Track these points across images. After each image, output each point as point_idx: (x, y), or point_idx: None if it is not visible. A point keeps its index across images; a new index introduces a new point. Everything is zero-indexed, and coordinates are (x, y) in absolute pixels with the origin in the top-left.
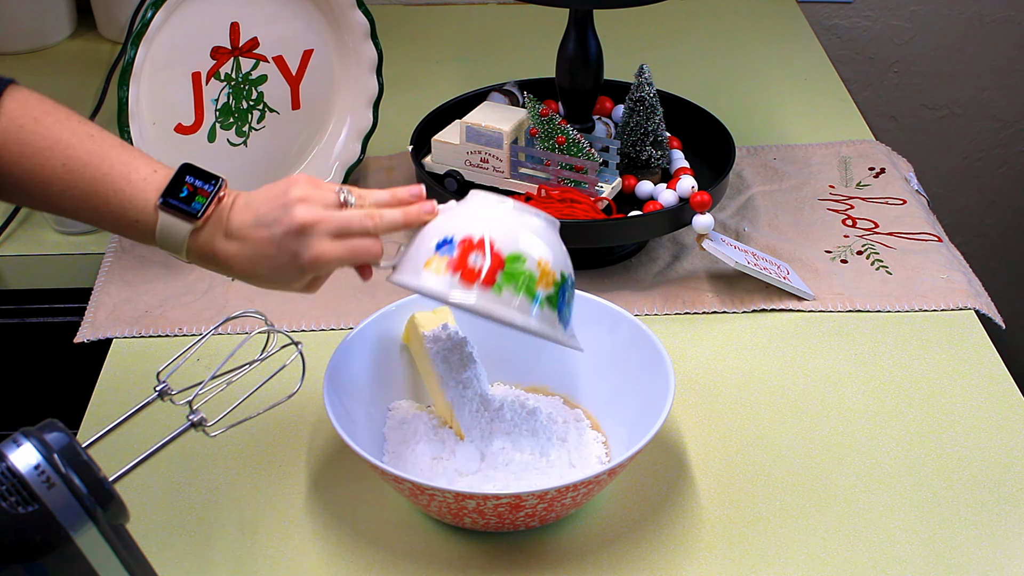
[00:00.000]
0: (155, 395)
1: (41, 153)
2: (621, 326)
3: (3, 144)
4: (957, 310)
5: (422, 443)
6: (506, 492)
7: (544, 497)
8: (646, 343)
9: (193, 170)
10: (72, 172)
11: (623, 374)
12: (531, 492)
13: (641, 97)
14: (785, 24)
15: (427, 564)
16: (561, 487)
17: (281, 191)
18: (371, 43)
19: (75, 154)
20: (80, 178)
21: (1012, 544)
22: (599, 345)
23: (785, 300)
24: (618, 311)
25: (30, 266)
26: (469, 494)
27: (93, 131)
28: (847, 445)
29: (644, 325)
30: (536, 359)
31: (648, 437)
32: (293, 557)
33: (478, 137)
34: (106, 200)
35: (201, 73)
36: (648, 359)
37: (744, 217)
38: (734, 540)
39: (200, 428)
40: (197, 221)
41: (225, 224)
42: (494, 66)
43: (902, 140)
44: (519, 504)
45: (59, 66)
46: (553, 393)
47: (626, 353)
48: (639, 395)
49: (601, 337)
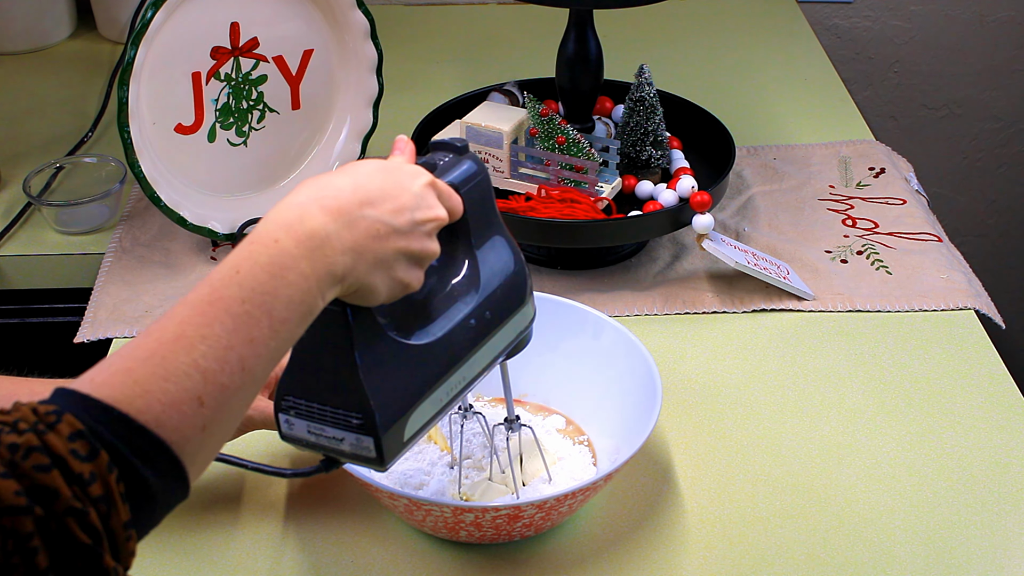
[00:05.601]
0: None
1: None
2: (604, 331)
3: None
4: (957, 310)
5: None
6: (505, 503)
7: (543, 507)
8: (630, 347)
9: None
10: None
11: (608, 379)
12: (530, 502)
13: (641, 97)
14: (785, 24)
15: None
16: (560, 495)
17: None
18: (371, 43)
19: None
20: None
21: (1012, 544)
22: (583, 351)
23: (785, 300)
24: (601, 317)
25: (30, 266)
26: (468, 507)
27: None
28: (847, 445)
29: (624, 327)
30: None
31: (644, 439)
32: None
33: (478, 137)
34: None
35: (201, 73)
36: (634, 362)
37: (744, 217)
38: (734, 540)
39: None
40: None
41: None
42: (494, 66)
43: (902, 140)
44: (517, 515)
45: (59, 66)
46: (527, 403)
47: (611, 358)
48: (628, 399)
49: (585, 343)
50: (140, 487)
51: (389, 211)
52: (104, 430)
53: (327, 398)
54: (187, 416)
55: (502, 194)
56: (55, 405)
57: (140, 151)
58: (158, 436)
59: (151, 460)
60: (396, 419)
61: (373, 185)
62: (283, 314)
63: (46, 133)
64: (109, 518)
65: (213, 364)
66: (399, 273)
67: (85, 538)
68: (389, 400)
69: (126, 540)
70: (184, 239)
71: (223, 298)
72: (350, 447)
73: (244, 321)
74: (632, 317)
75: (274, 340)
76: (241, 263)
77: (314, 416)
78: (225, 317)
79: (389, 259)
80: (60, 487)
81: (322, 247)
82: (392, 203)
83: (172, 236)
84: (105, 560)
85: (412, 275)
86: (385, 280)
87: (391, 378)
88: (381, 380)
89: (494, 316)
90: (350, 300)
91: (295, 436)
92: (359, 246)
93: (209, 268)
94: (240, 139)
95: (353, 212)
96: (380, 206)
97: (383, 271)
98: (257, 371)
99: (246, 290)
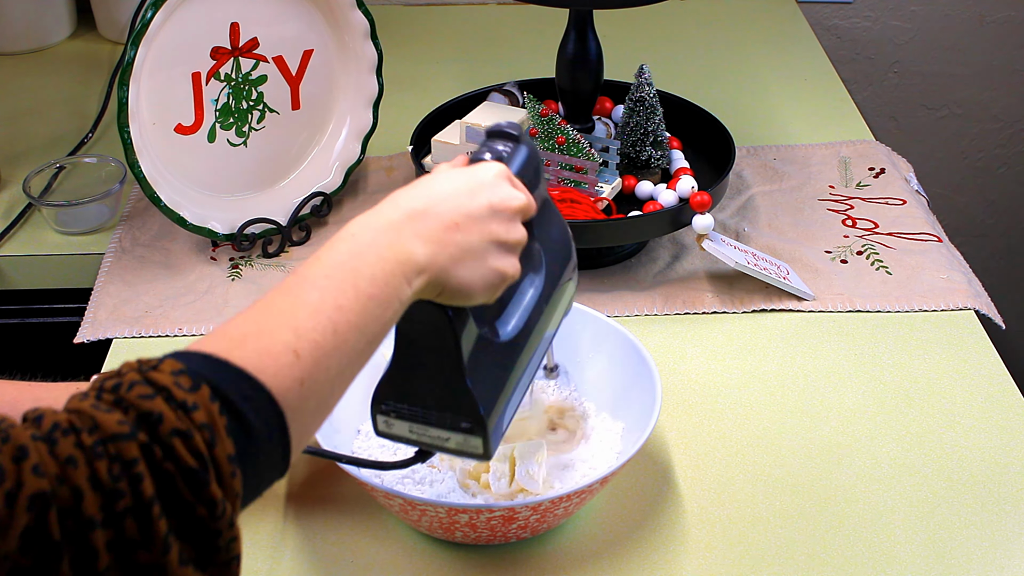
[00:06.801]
0: None
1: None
2: (604, 331)
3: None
4: (957, 310)
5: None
6: (499, 504)
7: (537, 508)
8: (630, 347)
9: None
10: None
11: (608, 380)
12: (524, 504)
13: (641, 97)
14: (785, 24)
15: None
16: (555, 497)
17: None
18: (371, 43)
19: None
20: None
21: (1012, 544)
22: (583, 351)
23: (785, 300)
24: (601, 317)
25: (30, 266)
26: (462, 507)
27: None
28: (847, 445)
29: (624, 327)
30: None
31: (644, 439)
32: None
33: (478, 137)
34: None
35: (201, 73)
36: (634, 362)
37: (744, 217)
38: (734, 540)
39: None
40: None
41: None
42: (494, 66)
43: (902, 140)
44: (512, 516)
45: (59, 66)
46: None
47: (611, 358)
48: (628, 399)
49: (585, 343)
50: (242, 425)
51: (464, 202)
52: (205, 370)
53: (432, 403)
54: (284, 366)
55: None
56: (154, 360)
57: (140, 151)
58: (257, 379)
59: (252, 401)
60: (497, 415)
61: (447, 183)
62: (368, 289)
63: (46, 133)
64: (214, 446)
65: (305, 322)
66: (491, 262)
67: (192, 460)
68: (490, 399)
69: (231, 475)
70: (184, 239)
71: (307, 277)
72: (456, 445)
73: (330, 290)
74: (632, 317)
75: (363, 314)
76: (322, 253)
77: (417, 419)
78: (310, 289)
79: (476, 249)
80: (164, 411)
81: (398, 236)
82: (466, 196)
83: (172, 236)
84: (211, 488)
85: (505, 263)
86: (477, 271)
87: (489, 376)
88: (482, 381)
89: (555, 290)
90: (449, 300)
91: (393, 434)
92: (436, 237)
93: (209, 268)
94: (240, 139)
95: (428, 209)
96: (454, 199)
97: (473, 262)
98: (351, 339)
99: (328, 267)
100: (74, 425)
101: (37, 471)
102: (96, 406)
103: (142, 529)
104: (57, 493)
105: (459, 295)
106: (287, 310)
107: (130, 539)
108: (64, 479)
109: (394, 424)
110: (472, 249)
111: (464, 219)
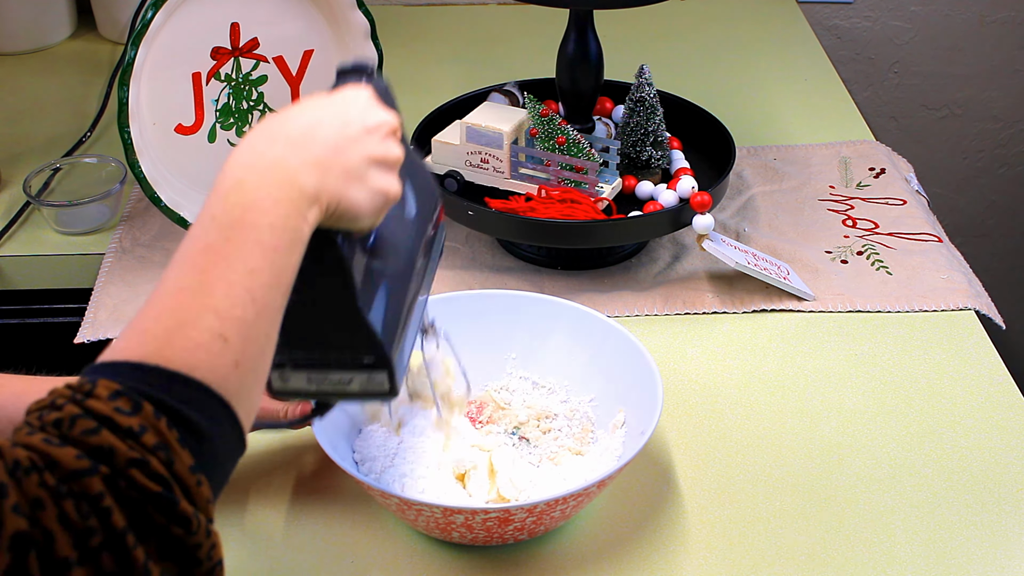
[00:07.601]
0: None
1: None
2: (604, 331)
3: None
4: (957, 310)
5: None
6: (495, 506)
7: (533, 511)
8: (630, 347)
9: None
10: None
11: (608, 380)
12: (520, 506)
13: (641, 97)
14: (785, 24)
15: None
16: (551, 500)
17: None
18: (371, 43)
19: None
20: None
21: (1012, 544)
22: (583, 352)
23: (785, 300)
24: (601, 317)
25: (30, 266)
26: (457, 508)
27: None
28: (847, 445)
29: (624, 327)
30: (521, 367)
31: (644, 439)
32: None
33: (478, 137)
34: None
35: (201, 73)
36: (634, 363)
37: (744, 217)
38: (734, 540)
39: None
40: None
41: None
42: (494, 66)
43: (902, 140)
44: (508, 518)
45: (59, 66)
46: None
47: (611, 359)
48: (628, 399)
49: (585, 344)
50: (192, 431)
51: (339, 125)
52: (141, 385)
53: (329, 344)
54: (216, 354)
55: (502, 195)
56: (86, 377)
57: (140, 151)
58: (194, 378)
59: (194, 402)
60: (397, 348)
61: (320, 108)
62: (272, 241)
63: (46, 133)
64: (172, 464)
65: (223, 302)
66: (373, 181)
67: (154, 486)
68: (389, 331)
69: (197, 485)
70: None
71: (208, 244)
72: (360, 386)
73: (236, 256)
74: (632, 317)
75: (274, 269)
76: (214, 210)
77: (315, 365)
78: (216, 259)
79: (358, 168)
80: (113, 443)
81: (285, 170)
82: (341, 118)
83: (172, 236)
84: (181, 506)
85: (386, 181)
86: (363, 192)
87: (381, 308)
88: (377, 313)
89: (427, 226)
90: (338, 224)
91: (290, 389)
92: (321, 161)
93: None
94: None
95: (306, 134)
96: (330, 123)
97: (357, 183)
98: (268, 300)
99: (226, 229)
100: (35, 463)
101: (17, 510)
102: (49, 441)
103: (119, 561)
104: (31, 535)
105: (347, 218)
106: (201, 290)
107: (109, 573)
108: (35, 521)
109: (290, 377)
110: (355, 170)
111: (344, 140)
